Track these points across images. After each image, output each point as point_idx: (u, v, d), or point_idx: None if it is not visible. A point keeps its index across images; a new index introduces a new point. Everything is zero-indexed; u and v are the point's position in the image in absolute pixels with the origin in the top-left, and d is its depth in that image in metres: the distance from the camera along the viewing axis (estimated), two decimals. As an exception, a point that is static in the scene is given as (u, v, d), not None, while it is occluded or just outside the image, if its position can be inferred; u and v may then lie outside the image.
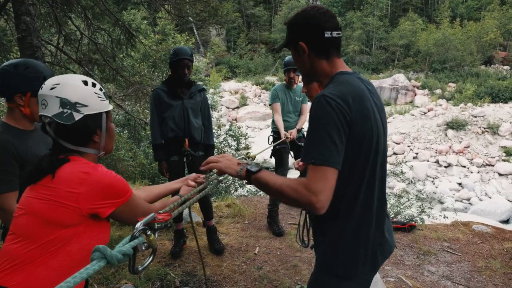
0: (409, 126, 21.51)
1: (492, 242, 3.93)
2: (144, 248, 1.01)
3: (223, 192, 7.05)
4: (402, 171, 10.14)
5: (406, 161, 13.37)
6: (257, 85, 31.80)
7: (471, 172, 17.61)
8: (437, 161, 18.81)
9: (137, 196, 1.34)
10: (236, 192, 7.74)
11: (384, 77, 29.22)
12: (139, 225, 1.03)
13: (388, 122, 21.28)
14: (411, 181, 11.49)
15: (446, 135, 20.49)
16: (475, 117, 21.14)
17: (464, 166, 18.16)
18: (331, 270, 1.36)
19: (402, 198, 7.79)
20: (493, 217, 11.95)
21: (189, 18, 6.24)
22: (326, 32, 1.31)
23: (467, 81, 26.28)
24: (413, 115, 23.25)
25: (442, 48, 29.04)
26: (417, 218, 6.48)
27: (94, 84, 1.30)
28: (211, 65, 32.26)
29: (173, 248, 3.36)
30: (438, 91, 26.29)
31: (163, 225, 1.10)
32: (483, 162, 18.17)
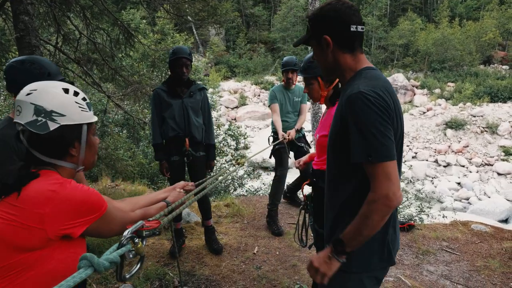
0: (408, 126, 21.52)
1: (491, 242, 3.94)
2: (132, 256, 1.01)
3: (222, 192, 7.04)
4: (401, 171, 10.13)
5: (405, 161, 13.40)
6: (256, 85, 31.84)
7: (470, 172, 17.66)
8: (436, 161, 18.86)
9: (116, 207, 1.23)
10: (235, 192, 7.73)
11: (383, 77, 29.29)
12: (127, 233, 1.03)
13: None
14: (410, 181, 11.51)
15: (445, 135, 20.53)
16: (474, 117, 21.19)
17: (463, 166, 18.21)
18: (347, 266, 1.34)
19: (401, 198, 7.80)
20: (492, 217, 11.99)
21: (188, 18, 6.23)
22: (352, 26, 1.31)
23: (466, 81, 26.37)
24: (412, 115, 23.29)
25: (441, 48, 29.11)
26: (416, 218, 6.49)
27: (77, 93, 1.18)
28: (210, 65, 32.27)
29: (172, 248, 3.35)
30: (437, 91, 26.34)
31: (151, 233, 1.09)
32: (482, 162, 18.22)
